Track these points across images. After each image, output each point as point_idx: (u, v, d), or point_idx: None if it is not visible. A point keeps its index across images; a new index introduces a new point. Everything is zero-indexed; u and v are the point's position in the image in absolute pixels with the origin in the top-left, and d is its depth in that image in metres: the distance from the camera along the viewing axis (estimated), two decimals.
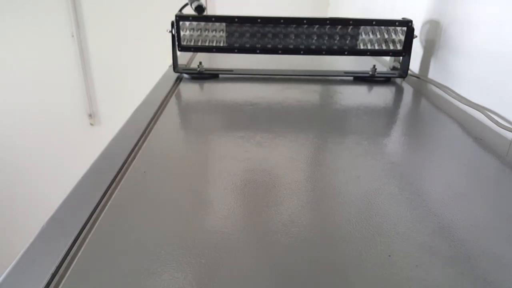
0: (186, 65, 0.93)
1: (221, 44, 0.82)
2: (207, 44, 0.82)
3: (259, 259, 0.33)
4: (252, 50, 0.82)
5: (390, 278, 0.31)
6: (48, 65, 1.96)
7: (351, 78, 0.88)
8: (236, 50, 0.83)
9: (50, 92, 2.01)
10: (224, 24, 0.81)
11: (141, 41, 1.93)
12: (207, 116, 0.66)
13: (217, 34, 0.82)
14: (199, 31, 0.82)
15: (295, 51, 0.82)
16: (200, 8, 0.74)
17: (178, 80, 0.86)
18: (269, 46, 0.82)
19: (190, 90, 0.80)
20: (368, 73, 0.87)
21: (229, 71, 0.89)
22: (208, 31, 0.82)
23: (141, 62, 1.95)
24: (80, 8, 1.88)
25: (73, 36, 1.91)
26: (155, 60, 1.64)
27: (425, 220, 0.38)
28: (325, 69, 0.95)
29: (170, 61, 0.87)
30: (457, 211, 0.40)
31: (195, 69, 0.88)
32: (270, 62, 0.99)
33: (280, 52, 0.83)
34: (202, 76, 0.87)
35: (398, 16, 0.94)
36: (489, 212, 0.40)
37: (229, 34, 0.81)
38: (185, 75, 0.88)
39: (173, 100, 0.72)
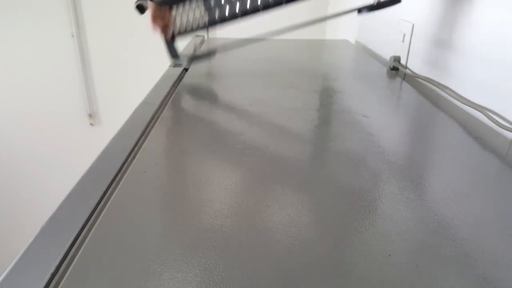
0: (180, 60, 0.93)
1: (204, 22, 0.80)
2: (192, 27, 0.81)
3: (259, 259, 0.33)
4: (234, 17, 0.80)
5: (390, 278, 0.31)
6: (48, 65, 1.96)
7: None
8: (220, 22, 0.80)
9: (50, 92, 2.01)
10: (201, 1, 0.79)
11: (141, 41, 1.93)
12: (207, 115, 0.66)
13: (197, 14, 0.80)
14: (179, 18, 0.80)
15: (277, 3, 0.78)
16: (141, 8, 0.72)
17: (178, 79, 0.86)
18: (249, 8, 0.79)
19: (190, 90, 0.80)
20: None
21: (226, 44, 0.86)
22: (187, 16, 0.80)
23: (141, 62, 1.95)
24: (80, 8, 1.88)
25: (73, 36, 1.91)
26: (155, 60, 1.64)
27: (425, 220, 0.38)
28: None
29: (170, 60, 0.87)
30: (457, 211, 0.40)
31: (190, 55, 0.86)
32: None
33: (262, 9, 0.79)
34: (200, 57, 0.85)
35: (398, 16, 0.94)
36: (489, 212, 0.40)
37: (208, 10, 0.79)
38: (184, 65, 0.86)
39: (173, 99, 0.72)
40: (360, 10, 0.79)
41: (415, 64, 0.89)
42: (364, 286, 0.30)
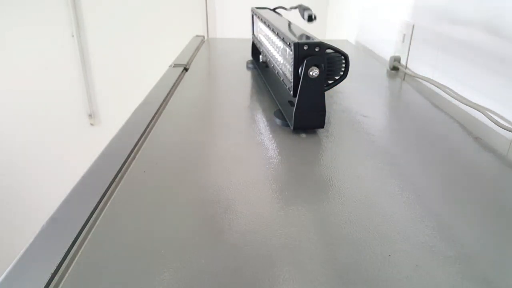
0: (187, 64, 0.93)
1: None
2: None
3: (259, 258, 0.33)
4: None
5: (390, 278, 0.31)
6: (48, 65, 1.96)
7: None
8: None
9: (50, 92, 2.01)
10: None
11: (141, 41, 1.93)
12: (207, 115, 0.66)
13: None
14: None
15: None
16: (311, 18, 0.73)
17: (178, 79, 0.86)
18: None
19: (190, 90, 0.80)
20: None
21: None
22: None
23: (141, 62, 1.95)
24: (80, 8, 1.88)
25: (73, 36, 1.91)
26: (155, 59, 1.64)
27: (425, 220, 0.38)
28: None
29: (170, 61, 0.87)
30: (457, 211, 0.40)
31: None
32: None
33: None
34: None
35: (397, 16, 0.94)
36: (489, 212, 0.40)
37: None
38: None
39: (173, 99, 0.72)
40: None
41: (415, 64, 0.89)
42: (365, 286, 0.30)
